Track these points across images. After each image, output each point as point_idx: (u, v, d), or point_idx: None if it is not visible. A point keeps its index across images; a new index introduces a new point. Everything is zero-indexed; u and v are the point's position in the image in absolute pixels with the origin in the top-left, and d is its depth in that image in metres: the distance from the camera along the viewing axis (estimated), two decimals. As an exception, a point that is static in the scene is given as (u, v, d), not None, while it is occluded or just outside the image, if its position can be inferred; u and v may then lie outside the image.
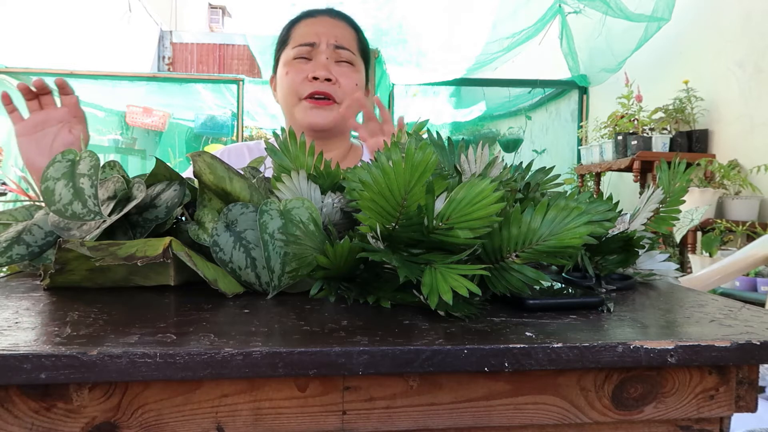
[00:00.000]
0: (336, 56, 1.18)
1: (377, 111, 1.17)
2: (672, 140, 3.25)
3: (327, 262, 0.53)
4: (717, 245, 2.63)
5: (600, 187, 4.04)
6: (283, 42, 1.24)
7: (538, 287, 0.56)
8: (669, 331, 0.46)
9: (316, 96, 1.16)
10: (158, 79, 5.94)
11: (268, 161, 0.96)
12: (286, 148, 0.67)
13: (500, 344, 0.41)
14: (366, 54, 1.26)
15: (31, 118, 0.97)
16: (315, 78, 1.16)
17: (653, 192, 0.70)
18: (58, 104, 0.99)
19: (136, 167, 6.07)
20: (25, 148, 0.96)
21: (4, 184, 4.38)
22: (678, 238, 2.72)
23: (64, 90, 0.96)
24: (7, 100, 0.95)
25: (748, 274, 2.45)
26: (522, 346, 0.41)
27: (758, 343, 0.43)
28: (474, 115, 5.69)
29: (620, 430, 0.47)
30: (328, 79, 1.16)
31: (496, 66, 4.87)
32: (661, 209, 0.70)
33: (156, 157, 0.71)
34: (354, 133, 1.29)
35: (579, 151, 4.34)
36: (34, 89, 0.96)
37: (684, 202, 0.70)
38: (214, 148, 5.64)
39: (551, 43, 4.59)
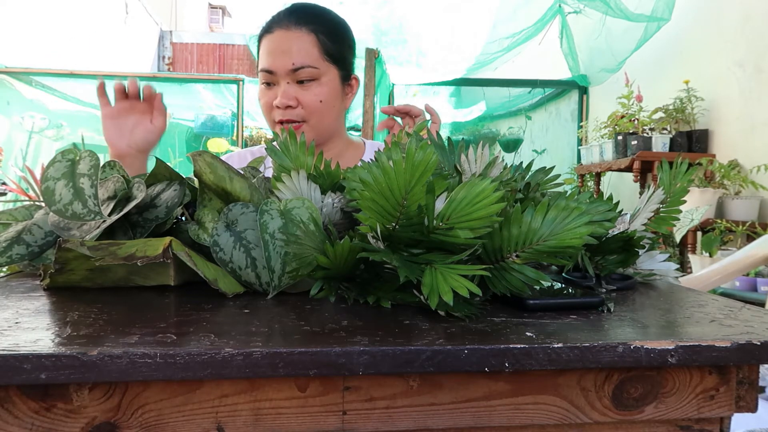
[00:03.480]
0: (295, 78, 1.18)
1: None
2: (672, 140, 3.25)
3: (327, 262, 0.53)
4: (717, 245, 2.63)
5: (600, 187, 4.04)
6: (257, 55, 1.25)
7: (538, 287, 0.56)
8: (669, 331, 0.46)
9: (284, 122, 1.20)
10: (158, 79, 5.93)
11: (268, 161, 0.96)
12: (286, 148, 0.67)
13: (500, 344, 0.41)
14: (335, 50, 1.21)
15: (117, 105, 1.10)
16: (278, 106, 1.19)
17: (653, 192, 0.70)
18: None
19: (135, 167, 6.05)
20: (108, 130, 1.10)
21: (4, 184, 4.38)
22: (678, 238, 2.72)
23: (148, 91, 1.12)
24: (102, 91, 1.10)
25: (748, 274, 2.45)
26: (522, 346, 0.41)
27: (758, 343, 0.43)
28: (474, 115, 5.68)
29: (620, 430, 0.47)
30: (289, 106, 1.18)
31: (496, 66, 4.87)
32: (661, 209, 0.70)
33: (156, 157, 0.71)
34: (356, 133, 1.31)
35: (579, 151, 4.34)
36: (127, 92, 1.11)
37: (685, 202, 0.70)
38: (216, 143, 5.63)
39: (551, 43, 4.59)
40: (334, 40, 1.21)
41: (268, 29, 1.21)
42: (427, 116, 1.21)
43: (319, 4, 1.26)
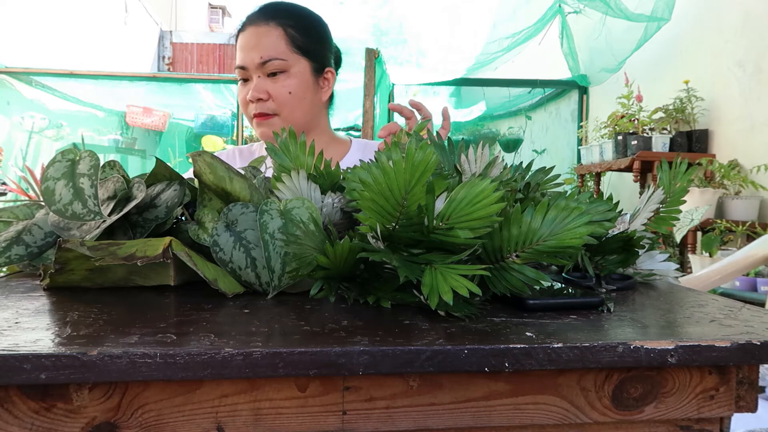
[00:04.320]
0: (265, 71, 1.21)
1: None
2: (672, 140, 3.25)
3: (327, 262, 0.53)
4: (717, 245, 2.62)
5: (600, 187, 4.04)
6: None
7: (538, 287, 0.56)
8: (669, 331, 0.46)
9: (258, 115, 1.24)
10: (158, 79, 5.93)
11: (269, 161, 0.96)
12: (286, 148, 0.67)
13: (500, 344, 0.41)
14: (306, 44, 1.23)
15: None
16: (251, 100, 1.23)
17: (653, 192, 0.70)
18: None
19: (136, 167, 6.07)
20: None
21: (4, 184, 4.38)
22: (678, 238, 2.72)
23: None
24: None
25: (748, 274, 2.45)
26: (522, 346, 0.41)
27: (758, 343, 0.43)
28: (474, 115, 5.69)
29: (620, 430, 0.47)
30: (261, 98, 1.22)
31: (496, 66, 4.87)
32: (661, 209, 0.70)
33: (156, 157, 0.71)
34: (356, 133, 1.31)
35: (579, 151, 4.34)
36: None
37: (684, 202, 0.70)
38: (210, 141, 5.62)
39: (551, 43, 4.59)
40: (304, 32, 1.24)
41: (241, 28, 1.25)
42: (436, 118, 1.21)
43: (291, 1, 1.29)
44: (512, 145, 5.04)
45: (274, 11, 1.24)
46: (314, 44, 1.25)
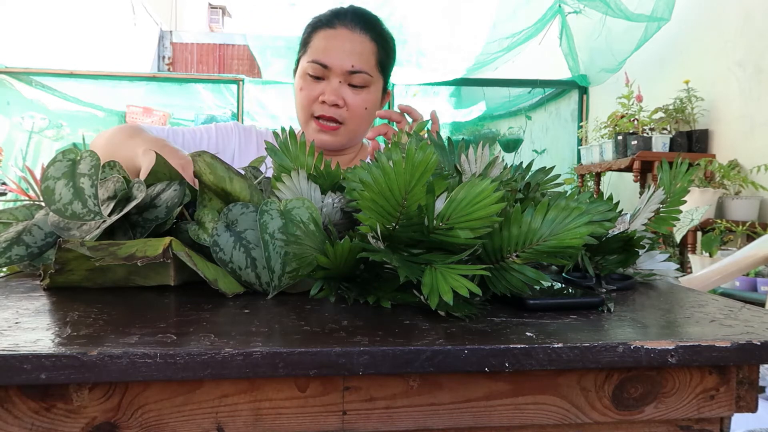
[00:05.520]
0: (349, 80, 1.19)
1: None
2: (672, 140, 3.25)
3: (327, 262, 0.53)
4: (717, 245, 2.62)
5: (600, 187, 4.04)
6: (304, 44, 1.24)
7: (538, 287, 0.56)
8: (669, 331, 0.46)
9: (324, 118, 1.20)
10: (158, 79, 5.93)
11: (269, 161, 0.96)
12: (286, 148, 0.67)
13: (500, 344, 0.41)
14: (385, 63, 1.24)
15: None
16: (325, 101, 1.19)
17: (654, 192, 0.70)
18: None
19: (136, 167, 6.05)
20: None
21: (4, 184, 4.38)
22: (678, 238, 2.72)
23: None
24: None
25: (748, 274, 2.45)
26: (522, 346, 0.41)
27: (758, 343, 0.43)
28: (474, 115, 5.68)
29: (620, 430, 0.47)
30: (337, 104, 1.19)
31: (496, 66, 4.87)
32: (661, 209, 0.70)
33: (156, 154, 0.71)
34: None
35: (579, 151, 4.34)
36: None
37: (685, 202, 0.70)
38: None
39: (551, 43, 4.59)
40: (387, 52, 1.24)
41: (329, 23, 1.21)
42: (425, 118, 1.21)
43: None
44: (512, 145, 5.04)
45: (369, 22, 1.22)
46: (390, 66, 1.26)
